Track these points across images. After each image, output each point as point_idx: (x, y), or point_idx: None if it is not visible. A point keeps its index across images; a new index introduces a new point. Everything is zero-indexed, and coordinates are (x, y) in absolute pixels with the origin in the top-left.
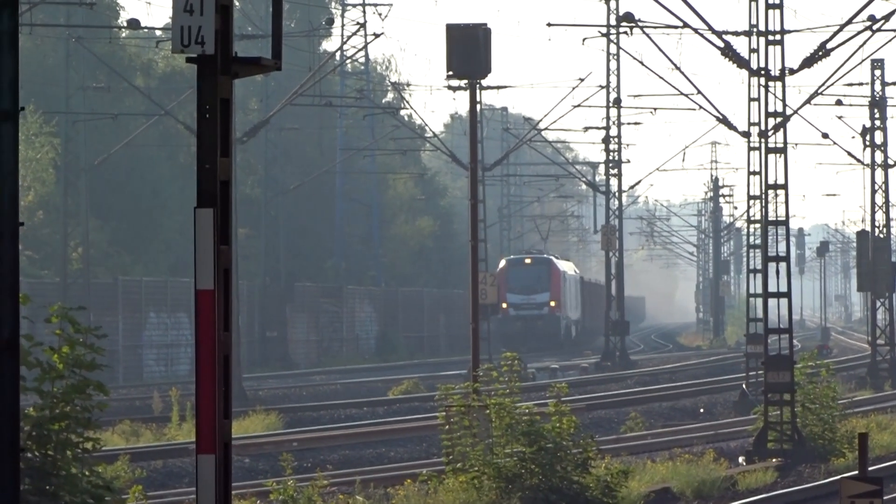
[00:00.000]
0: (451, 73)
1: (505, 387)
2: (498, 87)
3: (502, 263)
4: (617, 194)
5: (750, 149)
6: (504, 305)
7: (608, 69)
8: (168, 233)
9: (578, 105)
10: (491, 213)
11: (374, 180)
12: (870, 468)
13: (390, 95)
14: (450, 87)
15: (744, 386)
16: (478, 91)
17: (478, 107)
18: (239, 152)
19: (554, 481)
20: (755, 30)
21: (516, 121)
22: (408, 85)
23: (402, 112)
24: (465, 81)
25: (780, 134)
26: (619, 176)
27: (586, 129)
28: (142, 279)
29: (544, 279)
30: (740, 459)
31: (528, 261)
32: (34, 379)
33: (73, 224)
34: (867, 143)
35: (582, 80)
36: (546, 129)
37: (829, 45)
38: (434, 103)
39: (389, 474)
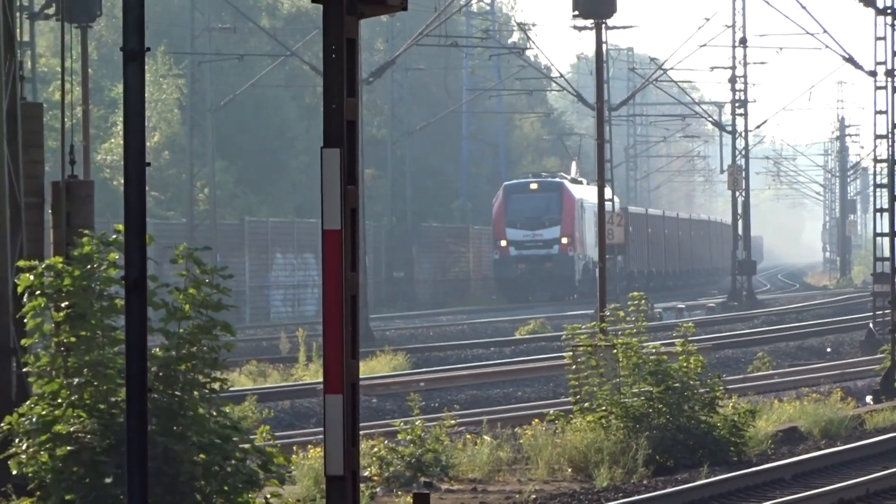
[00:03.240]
0: (576, 12)
1: (632, 326)
2: (624, 27)
3: (500, 191)
4: (743, 134)
5: (876, 88)
6: (503, 243)
7: (734, 8)
8: (294, 173)
9: (704, 45)
10: (617, 154)
11: (501, 120)
12: None
13: (516, 35)
14: (575, 27)
15: (870, 325)
16: (603, 31)
17: (603, 47)
18: (365, 93)
19: (681, 421)
20: None
21: (642, 61)
22: (533, 25)
23: (528, 52)
24: (591, 21)
25: None
26: (745, 116)
27: (712, 68)
28: (268, 220)
29: (554, 209)
30: (867, 399)
31: (533, 186)
32: (160, 319)
33: (199, 165)
34: None
35: (708, 19)
36: (672, 68)
37: None
38: (560, 43)
39: (517, 414)
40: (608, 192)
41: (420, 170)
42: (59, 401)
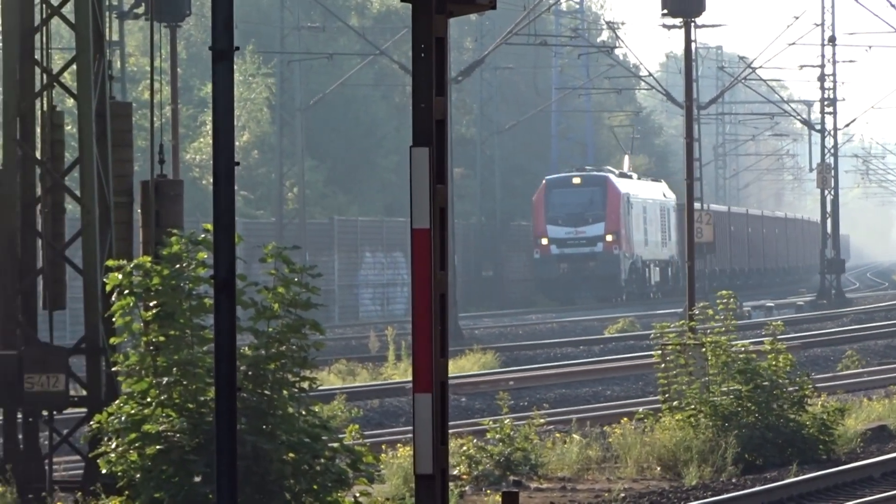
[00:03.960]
0: (665, 11)
1: (720, 325)
2: (713, 26)
3: (541, 186)
4: (832, 132)
5: None
6: (544, 241)
7: (823, 6)
8: (383, 172)
9: (793, 43)
10: (706, 152)
11: (589, 119)
12: None
13: (605, 34)
14: (665, 26)
15: None
16: (693, 29)
17: (692, 45)
18: (454, 92)
19: (770, 419)
20: None
21: (731, 59)
22: (622, 24)
23: (617, 51)
24: (680, 20)
25: None
26: (833, 114)
27: (801, 67)
28: (357, 219)
29: (598, 205)
30: None
31: (576, 181)
32: (249, 318)
33: (288, 164)
34: None
35: (797, 17)
36: (760, 67)
37: None
38: (649, 42)
39: (605, 413)
40: (665, 190)
41: (509, 168)
42: (149, 400)
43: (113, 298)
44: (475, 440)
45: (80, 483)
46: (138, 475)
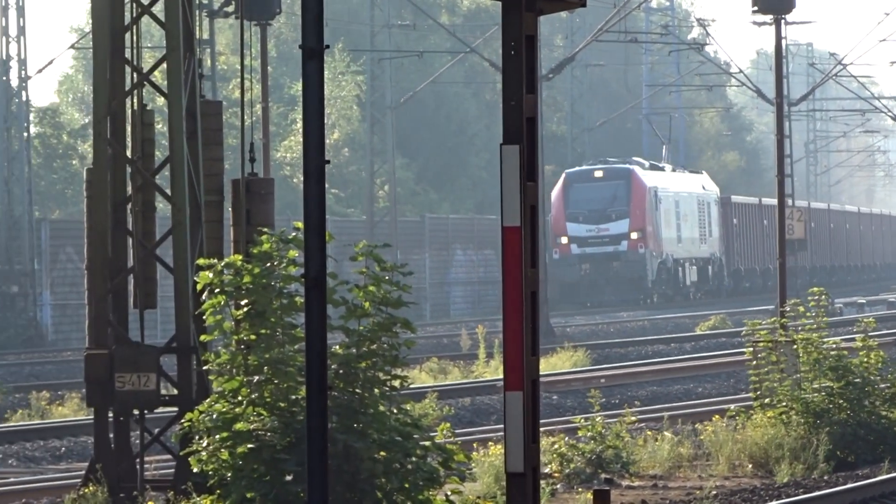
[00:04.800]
0: (756, 8)
1: (812, 322)
2: (803, 22)
3: (560, 180)
4: None
5: None
6: (563, 240)
7: None
8: (474, 170)
9: (884, 39)
10: (797, 148)
11: (680, 116)
12: None
13: (695, 31)
14: (755, 23)
15: None
16: (783, 26)
17: (783, 42)
18: (545, 89)
19: (862, 416)
20: None
21: (821, 56)
22: (713, 21)
23: (708, 48)
24: (771, 16)
25: None
26: None
27: (893, 63)
28: (448, 216)
29: (621, 200)
30: None
31: (597, 174)
32: (340, 317)
33: (379, 162)
34: None
35: (888, 14)
36: (851, 63)
37: None
38: (739, 38)
39: (697, 410)
40: (705, 182)
41: None
42: (240, 398)
43: (204, 297)
44: (567, 438)
45: (171, 482)
46: (229, 474)
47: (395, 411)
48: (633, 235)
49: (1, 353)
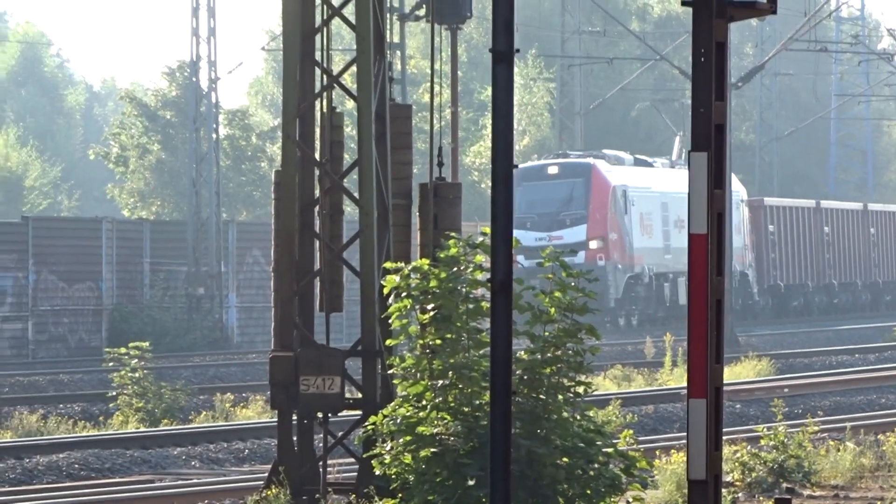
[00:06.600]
0: None
1: None
2: None
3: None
4: None
5: None
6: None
7: None
8: None
9: None
10: None
11: (869, 126)
12: None
13: (886, 41)
14: None
15: None
16: None
17: None
18: (734, 97)
19: None
20: None
21: None
22: None
23: None
24: None
25: None
26: None
27: None
28: None
29: (578, 202)
30: None
31: (551, 170)
32: (525, 322)
33: None
34: None
35: None
36: None
37: None
38: None
39: (881, 420)
40: (735, 183)
41: (787, 175)
42: (424, 403)
43: (390, 301)
44: (749, 447)
45: (354, 485)
46: (411, 478)
47: (578, 417)
48: (592, 245)
49: (187, 355)
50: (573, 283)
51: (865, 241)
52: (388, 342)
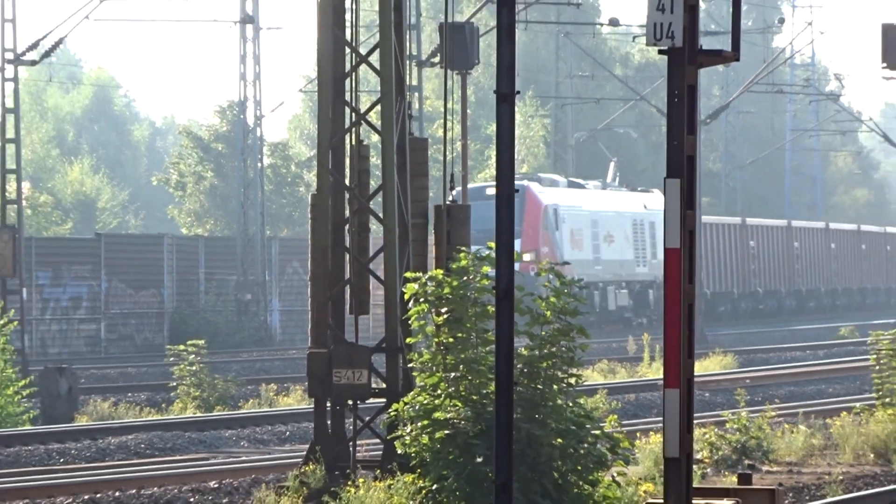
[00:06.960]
0: (885, 64)
1: None
2: None
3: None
4: None
5: None
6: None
7: None
8: None
9: None
10: None
11: (818, 157)
12: None
13: (832, 84)
14: (884, 77)
15: None
16: None
17: None
18: (703, 132)
19: None
20: None
21: None
22: (847, 75)
23: (843, 98)
24: None
25: None
26: None
27: None
28: None
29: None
30: None
31: (489, 191)
32: (525, 324)
33: None
34: None
35: None
36: None
37: None
38: (869, 90)
39: (828, 407)
40: (649, 201)
41: (749, 199)
42: (439, 392)
43: (410, 305)
44: (716, 429)
45: (379, 462)
46: (428, 456)
47: (570, 404)
48: (526, 257)
49: (236, 352)
50: (566, 291)
51: (789, 254)
52: (408, 340)
